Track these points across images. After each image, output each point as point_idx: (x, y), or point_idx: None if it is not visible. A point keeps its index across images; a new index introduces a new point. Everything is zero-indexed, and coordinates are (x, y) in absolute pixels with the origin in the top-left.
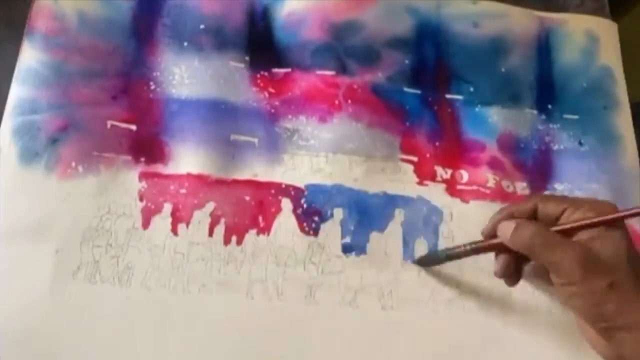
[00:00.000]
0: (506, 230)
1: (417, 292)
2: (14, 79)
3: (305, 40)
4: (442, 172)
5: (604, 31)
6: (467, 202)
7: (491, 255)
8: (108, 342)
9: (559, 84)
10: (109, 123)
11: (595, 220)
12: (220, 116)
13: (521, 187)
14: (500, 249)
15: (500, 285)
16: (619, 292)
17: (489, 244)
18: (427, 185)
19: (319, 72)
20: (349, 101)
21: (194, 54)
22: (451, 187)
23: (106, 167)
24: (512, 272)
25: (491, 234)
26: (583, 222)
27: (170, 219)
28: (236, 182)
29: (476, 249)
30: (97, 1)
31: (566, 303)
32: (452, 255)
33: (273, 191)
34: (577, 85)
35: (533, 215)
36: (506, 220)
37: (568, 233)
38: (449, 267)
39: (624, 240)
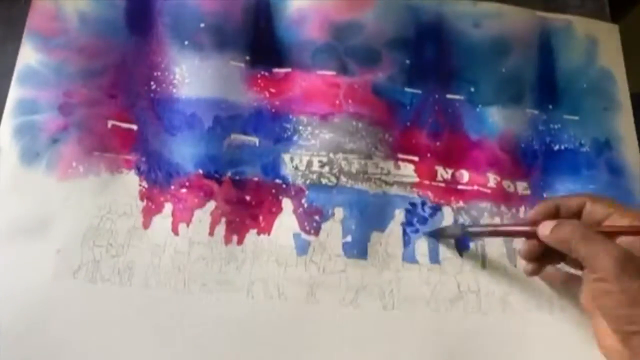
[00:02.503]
0: (547, 227)
1: (418, 291)
2: (13, 79)
3: (306, 40)
4: (443, 172)
5: (604, 34)
6: (467, 202)
7: (496, 255)
8: (108, 342)
9: (560, 84)
10: (110, 123)
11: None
12: (220, 115)
13: (522, 187)
14: (524, 236)
15: (500, 285)
16: None
17: (513, 229)
18: (427, 185)
19: (319, 72)
20: (350, 101)
21: (194, 53)
22: (452, 187)
23: (107, 166)
24: (535, 258)
25: (532, 220)
26: (626, 228)
27: (170, 219)
28: (237, 181)
29: (495, 232)
30: (96, 1)
31: (595, 300)
32: (470, 231)
33: (274, 191)
34: (578, 86)
35: (578, 212)
36: (546, 206)
37: (609, 236)
38: (449, 267)
39: None
